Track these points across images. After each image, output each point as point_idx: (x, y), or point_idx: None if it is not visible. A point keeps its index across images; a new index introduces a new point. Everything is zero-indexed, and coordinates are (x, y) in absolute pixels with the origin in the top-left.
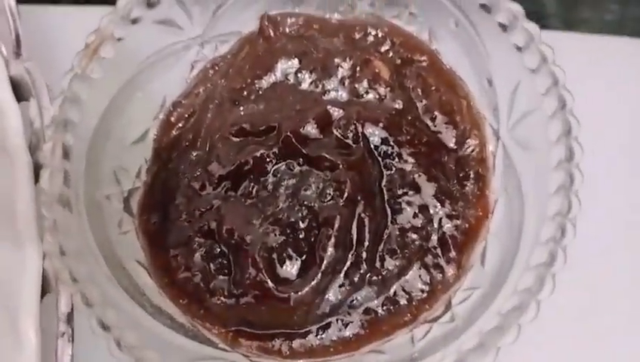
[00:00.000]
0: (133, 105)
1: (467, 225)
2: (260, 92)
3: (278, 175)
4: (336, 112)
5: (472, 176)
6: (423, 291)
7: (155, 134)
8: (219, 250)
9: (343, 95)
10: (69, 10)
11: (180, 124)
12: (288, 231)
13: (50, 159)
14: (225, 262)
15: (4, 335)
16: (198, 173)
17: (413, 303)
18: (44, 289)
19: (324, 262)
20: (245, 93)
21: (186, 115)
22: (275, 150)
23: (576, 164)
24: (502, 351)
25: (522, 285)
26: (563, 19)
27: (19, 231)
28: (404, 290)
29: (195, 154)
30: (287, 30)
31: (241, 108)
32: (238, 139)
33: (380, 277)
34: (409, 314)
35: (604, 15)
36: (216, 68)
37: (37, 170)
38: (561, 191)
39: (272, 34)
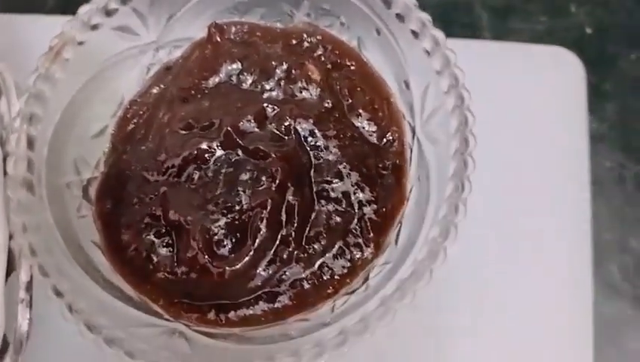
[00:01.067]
0: (93, 103)
1: (385, 210)
2: (206, 91)
3: (219, 164)
4: (271, 109)
5: (390, 166)
6: (344, 267)
7: (113, 130)
8: (164, 230)
9: (279, 94)
10: (37, 18)
11: (135, 120)
12: (225, 212)
13: (15, 148)
14: (169, 241)
15: None
16: (148, 163)
17: (336, 278)
18: (11, 268)
19: (257, 240)
20: (193, 91)
21: (141, 112)
22: (217, 142)
23: (470, 152)
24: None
25: (420, 257)
26: (495, 30)
27: None
28: (327, 266)
29: (146, 145)
30: (233, 37)
31: (189, 105)
32: (184, 133)
33: (306, 254)
34: (331, 288)
35: (534, 26)
36: (169, 70)
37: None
38: (455, 176)
39: (218, 39)
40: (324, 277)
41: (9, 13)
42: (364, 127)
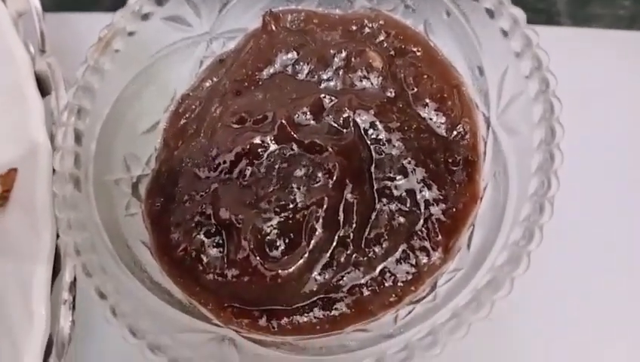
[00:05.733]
0: (144, 97)
1: (455, 210)
2: (260, 83)
3: (272, 159)
4: (328, 100)
5: (461, 162)
6: (408, 273)
7: (165, 125)
8: (214, 229)
9: (338, 84)
10: (89, 15)
11: (187, 115)
12: (279, 211)
13: (62, 142)
14: (220, 241)
15: (17, 308)
16: (200, 160)
17: (399, 284)
18: (57, 269)
19: (312, 241)
20: (246, 84)
21: (193, 107)
22: (271, 136)
23: (557, 144)
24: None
25: (498, 262)
26: (574, 16)
27: (36, 214)
28: (390, 272)
29: (198, 141)
30: (289, 25)
31: (242, 98)
32: (237, 127)
33: (366, 258)
34: (394, 295)
35: (617, 11)
36: (222, 62)
37: None
38: (540, 171)
39: (273, 28)
40: (386, 284)
41: (62, 12)
42: (431, 118)
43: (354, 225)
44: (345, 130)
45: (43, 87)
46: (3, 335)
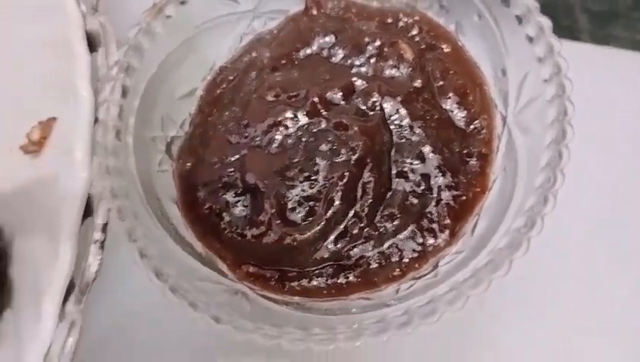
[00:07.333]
0: (185, 65)
1: (464, 198)
2: (297, 62)
3: (300, 133)
4: (359, 83)
5: (475, 154)
6: (414, 251)
7: (202, 93)
8: (240, 192)
9: (369, 71)
10: None
11: (224, 85)
12: (302, 180)
13: (109, 95)
14: (244, 203)
15: (43, 244)
16: (233, 127)
17: (404, 261)
18: (88, 212)
19: (330, 211)
20: (283, 61)
21: (230, 78)
22: (302, 111)
23: (566, 143)
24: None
25: (499, 246)
26: (594, 35)
27: (74, 159)
28: (397, 248)
29: (232, 110)
30: (329, 11)
31: (278, 74)
32: (271, 100)
33: (377, 233)
34: (398, 270)
35: (635, 35)
36: (261, 40)
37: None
38: (548, 167)
39: (314, 12)
40: (392, 259)
41: None
42: (452, 111)
43: (369, 201)
44: (371, 113)
45: (92, 44)
46: (27, 271)
